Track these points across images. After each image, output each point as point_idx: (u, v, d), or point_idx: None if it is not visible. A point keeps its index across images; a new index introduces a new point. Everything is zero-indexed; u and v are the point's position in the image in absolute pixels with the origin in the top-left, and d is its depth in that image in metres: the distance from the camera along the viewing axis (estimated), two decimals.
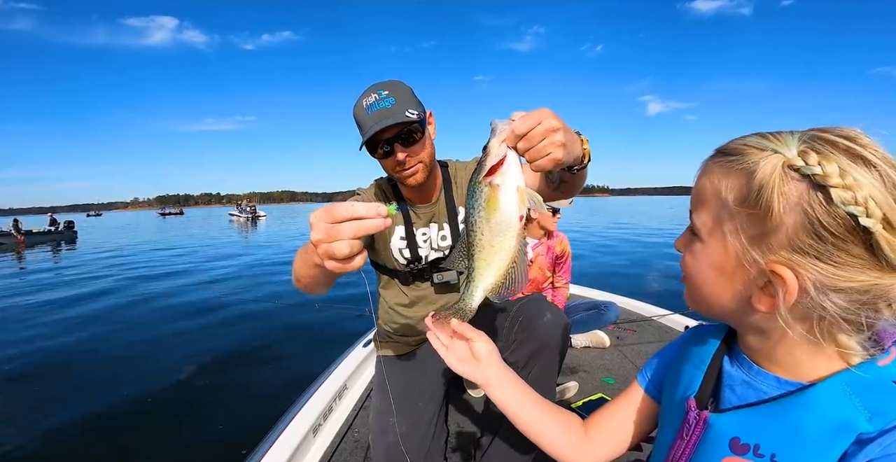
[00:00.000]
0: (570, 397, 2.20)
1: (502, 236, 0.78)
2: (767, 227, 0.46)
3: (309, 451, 1.75)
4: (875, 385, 0.46)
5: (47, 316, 6.51)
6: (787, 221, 0.44)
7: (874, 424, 0.44)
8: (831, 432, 0.46)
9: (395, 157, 1.28)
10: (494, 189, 0.74)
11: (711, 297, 0.54)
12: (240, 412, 3.30)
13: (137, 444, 2.97)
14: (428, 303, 1.55)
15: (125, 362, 4.49)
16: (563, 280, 2.91)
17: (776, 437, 0.50)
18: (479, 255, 0.80)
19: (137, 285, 8.86)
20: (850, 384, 0.47)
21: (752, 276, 0.48)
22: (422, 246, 1.48)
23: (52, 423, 3.25)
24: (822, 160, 0.43)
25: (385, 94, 1.24)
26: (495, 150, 0.73)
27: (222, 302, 6.79)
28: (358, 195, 1.50)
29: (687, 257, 0.57)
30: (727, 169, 0.49)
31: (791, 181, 0.44)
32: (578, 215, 32.70)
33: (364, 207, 0.61)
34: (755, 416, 0.52)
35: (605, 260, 10.54)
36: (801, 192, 0.44)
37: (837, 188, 0.42)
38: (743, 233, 0.48)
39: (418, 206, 1.48)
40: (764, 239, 0.46)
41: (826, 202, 0.42)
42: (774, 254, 0.46)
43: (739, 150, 0.49)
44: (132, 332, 5.59)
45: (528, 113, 0.73)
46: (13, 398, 3.79)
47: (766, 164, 0.45)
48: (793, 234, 0.44)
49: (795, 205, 0.44)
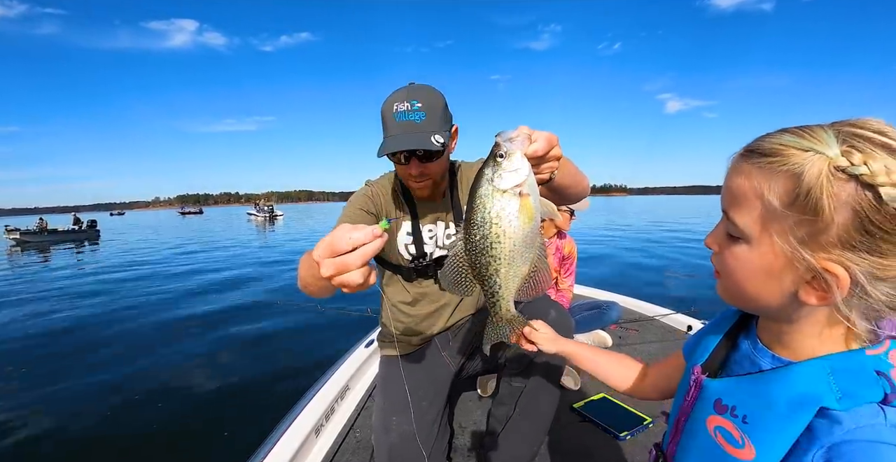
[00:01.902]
0: (569, 388, 2.22)
1: (531, 246, 0.76)
2: (818, 227, 0.46)
3: (311, 452, 1.73)
4: (856, 370, 0.48)
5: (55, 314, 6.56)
6: (837, 221, 0.44)
7: (843, 404, 0.47)
8: (797, 402, 0.50)
9: (409, 168, 1.28)
10: (525, 198, 0.71)
11: (755, 294, 0.54)
12: (241, 412, 3.28)
13: (138, 443, 2.96)
14: (430, 301, 1.54)
15: (125, 363, 4.48)
16: (568, 282, 2.87)
17: (751, 401, 0.55)
18: (509, 270, 0.76)
19: (136, 285, 8.91)
20: (834, 366, 0.49)
21: (800, 273, 0.49)
22: (427, 242, 1.46)
23: (52, 423, 3.25)
24: (866, 159, 0.43)
25: (418, 106, 1.21)
26: (521, 162, 0.71)
27: (223, 302, 6.80)
28: (368, 187, 1.48)
29: (727, 257, 0.56)
30: (768, 170, 0.48)
31: (838, 182, 0.44)
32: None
33: (362, 234, 0.61)
34: (740, 383, 0.58)
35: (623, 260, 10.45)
36: (850, 191, 0.44)
37: (886, 186, 0.42)
38: (793, 234, 0.48)
39: (426, 204, 1.46)
40: (815, 238, 0.46)
41: (876, 200, 0.43)
42: (826, 252, 0.46)
43: (777, 150, 0.48)
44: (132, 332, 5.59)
45: (541, 133, 0.74)
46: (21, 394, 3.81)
47: (811, 166, 0.45)
48: (843, 232, 0.45)
49: (845, 204, 0.44)
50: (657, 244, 13.74)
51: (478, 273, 0.78)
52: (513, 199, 0.71)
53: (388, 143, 1.22)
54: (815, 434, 0.48)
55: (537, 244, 0.77)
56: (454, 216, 1.47)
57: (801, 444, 0.49)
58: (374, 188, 1.45)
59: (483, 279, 0.79)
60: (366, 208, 1.38)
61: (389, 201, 1.44)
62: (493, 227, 0.72)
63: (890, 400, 0.46)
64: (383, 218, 1.41)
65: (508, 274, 0.77)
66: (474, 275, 0.79)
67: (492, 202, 0.71)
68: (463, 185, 1.50)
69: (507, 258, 0.75)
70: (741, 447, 0.55)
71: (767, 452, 0.52)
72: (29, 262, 14.34)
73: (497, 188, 0.70)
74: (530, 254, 0.77)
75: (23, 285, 9.50)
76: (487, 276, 0.78)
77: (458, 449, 1.73)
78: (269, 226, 32.10)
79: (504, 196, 0.71)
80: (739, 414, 0.56)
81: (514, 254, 0.75)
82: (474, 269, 0.78)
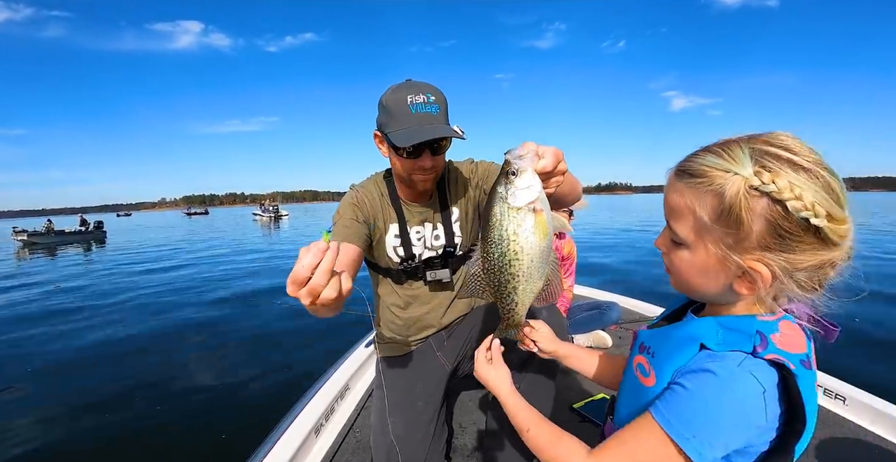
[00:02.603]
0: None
1: (546, 260, 0.77)
2: (741, 235, 0.56)
3: (311, 452, 1.71)
4: (739, 327, 0.62)
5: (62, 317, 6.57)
6: (755, 229, 0.55)
7: (719, 347, 0.61)
8: (686, 339, 0.65)
9: (421, 161, 1.26)
10: (540, 214, 0.73)
11: (698, 287, 0.66)
12: (242, 412, 3.26)
13: (137, 443, 2.93)
14: (422, 302, 1.53)
15: (124, 363, 4.46)
16: (568, 282, 2.85)
17: (659, 340, 0.70)
18: (526, 286, 0.78)
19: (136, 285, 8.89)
20: (724, 322, 0.63)
21: (732, 270, 0.60)
22: (416, 244, 1.46)
23: (52, 422, 3.25)
24: (773, 177, 0.53)
25: (432, 99, 1.22)
26: (533, 179, 0.72)
27: (224, 302, 6.78)
28: (354, 192, 1.45)
29: (673, 259, 0.67)
30: (697, 190, 0.59)
31: (753, 198, 0.55)
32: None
33: (311, 256, 0.62)
34: (660, 330, 0.72)
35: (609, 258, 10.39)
36: (763, 205, 0.54)
37: (791, 200, 0.53)
38: (722, 241, 0.58)
39: (413, 205, 1.45)
40: (739, 244, 0.57)
41: (784, 212, 0.54)
42: (749, 254, 0.57)
43: (703, 172, 0.58)
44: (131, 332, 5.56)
45: (548, 148, 0.75)
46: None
47: (731, 185, 0.55)
48: (761, 237, 0.56)
49: (760, 216, 0.55)
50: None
51: (496, 291, 0.79)
52: (528, 216, 0.72)
53: (410, 133, 1.19)
54: (693, 360, 0.62)
55: (551, 259, 0.78)
56: (442, 216, 1.46)
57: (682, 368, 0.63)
58: (359, 194, 1.43)
59: (501, 297, 0.80)
60: (354, 217, 1.36)
61: (376, 205, 1.42)
62: (510, 245, 0.73)
63: (757, 351, 0.58)
64: (371, 223, 1.40)
65: (526, 290, 0.78)
66: (492, 292, 0.80)
67: (508, 220, 0.72)
68: (451, 184, 1.48)
69: (524, 275, 0.76)
70: (647, 376, 0.69)
71: (661, 377, 0.65)
72: (36, 262, 14.38)
73: (512, 206, 0.71)
74: (545, 269, 0.77)
75: (26, 284, 9.52)
76: (506, 293, 0.79)
77: (458, 449, 1.72)
78: (275, 226, 32.07)
79: (519, 213, 0.72)
80: (651, 351, 0.70)
81: (532, 269, 0.75)
82: (492, 287, 0.79)
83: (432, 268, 1.46)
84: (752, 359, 0.58)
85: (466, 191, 1.47)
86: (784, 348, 0.58)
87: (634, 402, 0.70)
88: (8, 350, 5.10)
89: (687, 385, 0.60)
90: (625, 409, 0.74)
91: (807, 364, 0.59)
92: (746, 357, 0.58)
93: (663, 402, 0.62)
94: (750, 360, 0.58)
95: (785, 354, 0.58)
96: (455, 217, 1.48)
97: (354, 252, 1.27)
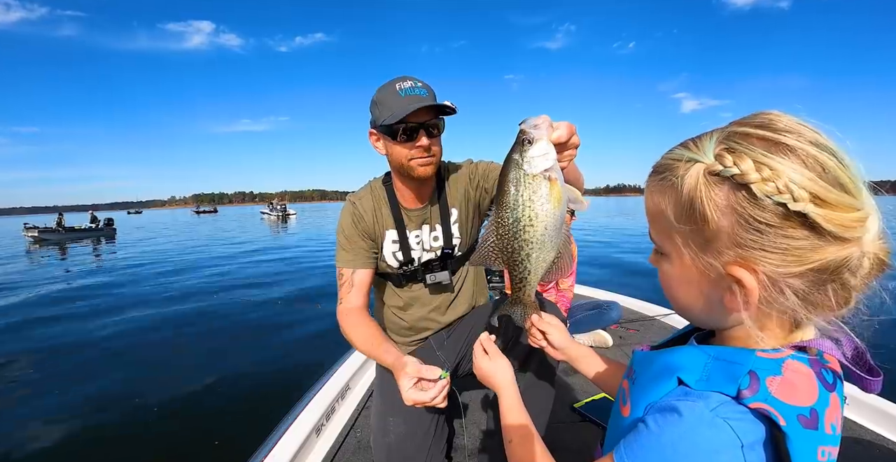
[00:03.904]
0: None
1: (559, 230, 0.76)
2: (708, 234, 0.46)
3: (311, 452, 1.70)
4: (730, 364, 0.48)
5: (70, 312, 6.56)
6: (723, 225, 0.44)
7: (699, 385, 0.48)
8: (664, 371, 0.53)
9: (418, 142, 1.24)
10: (554, 182, 0.72)
11: (685, 304, 0.55)
12: (243, 412, 3.23)
13: (137, 443, 2.90)
14: (422, 304, 1.52)
15: (122, 362, 4.42)
16: (568, 282, 2.82)
17: (644, 366, 0.59)
18: (539, 254, 0.77)
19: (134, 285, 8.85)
20: (717, 355, 0.50)
21: (714, 279, 0.48)
22: (414, 248, 1.44)
23: (50, 422, 3.21)
24: (736, 159, 0.43)
25: (420, 85, 1.23)
26: (548, 147, 0.71)
27: (224, 303, 6.73)
28: (351, 205, 1.44)
29: (659, 272, 0.57)
30: (661, 186, 0.50)
31: (714, 186, 0.44)
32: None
33: (438, 396, 1.05)
34: (650, 354, 0.60)
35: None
36: (727, 193, 0.44)
37: (757, 183, 0.42)
38: (693, 244, 0.48)
39: (410, 209, 1.44)
40: (711, 245, 0.47)
41: (752, 198, 0.42)
42: (724, 256, 0.46)
43: (666, 165, 0.49)
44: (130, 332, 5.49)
45: (562, 122, 0.75)
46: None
47: (689, 176, 0.46)
48: (733, 234, 0.44)
49: (726, 207, 0.44)
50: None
51: (509, 258, 0.78)
52: (543, 183, 0.71)
53: (403, 106, 1.18)
54: (666, 396, 0.51)
55: (564, 230, 0.77)
56: (440, 218, 1.44)
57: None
58: (356, 206, 1.42)
59: (514, 264, 0.79)
60: (358, 235, 1.40)
61: (372, 217, 1.42)
62: (525, 210, 0.72)
63: (742, 396, 0.45)
64: (371, 234, 1.42)
65: (539, 259, 0.77)
66: (504, 259, 0.79)
67: (524, 186, 0.71)
68: (449, 185, 1.46)
69: (538, 242, 0.75)
70: (625, 404, 0.59)
71: (634, 409, 0.55)
72: (46, 258, 14.42)
73: (528, 173, 0.71)
74: (558, 239, 0.76)
75: (29, 282, 9.51)
76: (519, 260, 0.77)
77: (458, 448, 1.70)
78: (282, 225, 32.08)
79: (535, 180, 0.71)
80: (634, 377, 0.61)
81: (545, 237, 0.74)
82: (505, 254, 0.78)
83: (431, 270, 1.45)
84: (733, 405, 0.46)
85: (466, 191, 1.45)
86: (780, 396, 0.45)
87: (613, 432, 0.63)
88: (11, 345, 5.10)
89: (650, 425, 0.49)
90: (608, 438, 0.66)
91: (808, 421, 0.44)
92: (726, 401, 0.46)
93: (626, 440, 0.52)
94: (729, 405, 0.46)
95: (778, 405, 0.44)
96: (454, 218, 1.46)
97: (369, 276, 1.42)
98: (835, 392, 0.47)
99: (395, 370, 1.18)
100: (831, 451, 0.46)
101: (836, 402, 0.47)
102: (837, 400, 0.47)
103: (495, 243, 0.79)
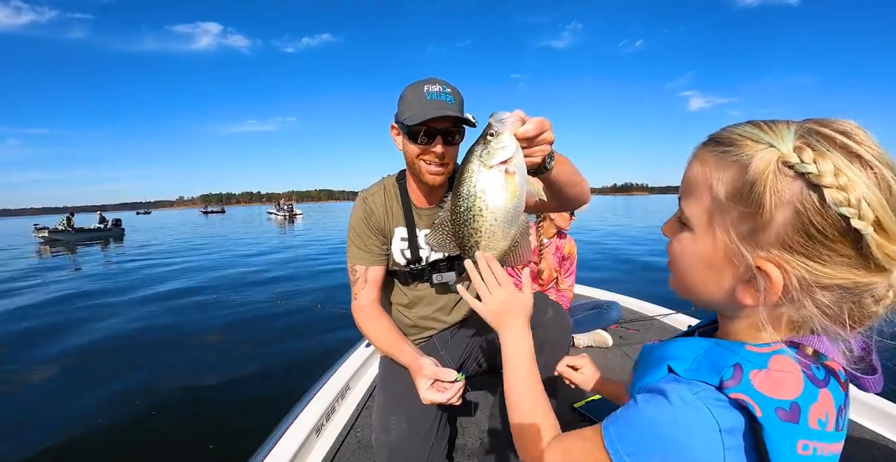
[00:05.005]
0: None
1: (513, 222, 0.76)
2: (758, 223, 0.43)
3: (312, 451, 1.67)
4: (718, 356, 0.49)
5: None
6: (777, 219, 0.42)
7: (686, 374, 0.49)
8: (658, 359, 0.54)
9: (433, 147, 1.23)
10: (511, 176, 0.72)
11: (696, 285, 0.53)
12: (243, 412, 3.19)
13: (136, 443, 2.87)
14: (427, 303, 1.51)
15: (121, 362, 4.37)
16: (568, 282, 2.79)
17: (645, 357, 0.60)
18: (488, 243, 0.78)
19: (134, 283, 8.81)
20: (709, 347, 0.50)
21: (740, 270, 0.47)
22: (423, 247, 1.43)
23: (53, 420, 3.20)
24: (817, 157, 0.40)
25: (449, 91, 1.22)
26: (509, 141, 0.72)
27: (225, 303, 6.67)
28: (363, 202, 1.44)
29: (675, 244, 0.55)
30: (720, 160, 0.46)
31: (785, 178, 0.42)
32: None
33: (453, 396, 1.14)
34: (653, 346, 0.60)
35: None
36: (795, 190, 0.41)
37: (832, 189, 0.39)
38: (733, 228, 0.46)
39: (422, 208, 1.43)
40: (754, 235, 0.44)
41: (819, 202, 0.40)
42: (763, 250, 0.44)
43: (734, 140, 0.45)
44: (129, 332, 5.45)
45: (535, 118, 0.75)
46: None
47: (760, 158, 0.43)
48: (783, 231, 0.42)
49: (788, 203, 0.42)
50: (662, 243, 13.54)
51: (459, 242, 0.80)
52: (498, 175, 0.72)
53: (426, 111, 1.18)
54: (657, 381, 0.52)
55: (520, 222, 0.77)
56: None
57: None
58: (368, 203, 1.43)
59: (463, 249, 0.81)
60: (370, 231, 1.41)
61: (385, 212, 1.42)
62: (476, 201, 0.73)
63: (724, 386, 0.46)
64: (382, 231, 1.43)
65: (488, 247, 0.78)
66: (456, 243, 0.81)
67: (478, 177, 0.72)
68: None
69: (487, 231, 0.76)
70: (627, 393, 0.60)
71: (632, 396, 0.55)
72: (55, 260, 14.46)
73: (484, 163, 0.72)
74: (512, 230, 0.77)
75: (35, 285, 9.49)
76: (468, 247, 0.79)
77: (460, 448, 1.68)
78: (289, 225, 32.06)
79: (490, 171, 0.72)
80: (637, 368, 0.61)
81: (495, 228, 0.75)
82: (457, 239, 0.80)
83: (438, 270, 1.45)
84: (715, 392, 0.46)
85: None
86: (762, 389, 0.44)
87: None
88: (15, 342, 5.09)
89: (638, 402, 0.51)
90: None
91: (787, 415, 0.44)
92: (708, 388, 0.47)
93: (613, 415, 0.54)
94: (710, 392, 0.47)
95: (757, 396, 0.44)
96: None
97: (382, 272, 1.44)
98: (826, 388, 0.47)
99: (413, 371, 1.22)
100: (818, 446, 0.45)
101: (827, 398, 0.46)
102: (829, 396, 0.47)
103: (449, 229, 0.81)
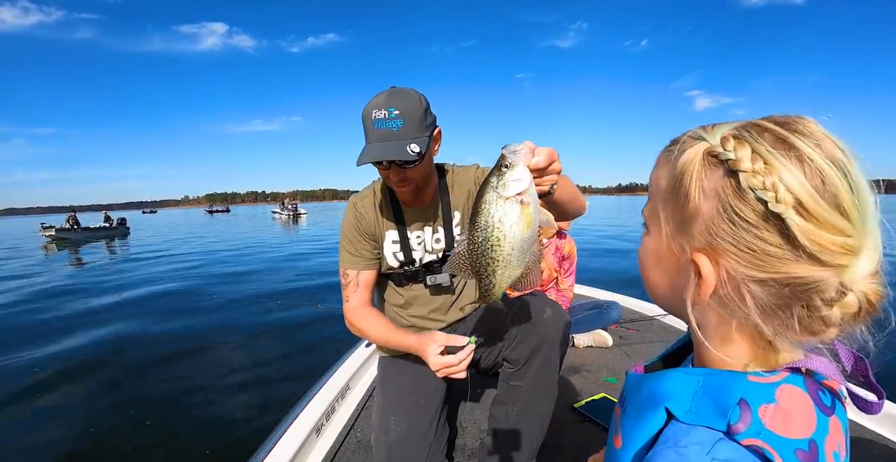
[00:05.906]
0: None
1: (527, 251, 0.79)
2: (687, 213, 0.43)
3: (312, 451, 1.67)
4: (720, 392, 0.43)
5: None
6: (703, 209, 0.42)
7: (687, 418, 0.43)
8: (652, 399, 0.48)
9: (392, 174, 1.24)
10: (526, 206, 0.75)
11: (652, 283, 0.53)
12: (242, 412, 3.17)
13: (136, 443, 2.85)
14: (422, 304, 1.50)
15: (120, 362, 4.35)
16: (568, 282, 2.78)
17: (634, 391, 0.53)
18: (504, 271, 0.81)
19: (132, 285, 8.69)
20: (708, 381, 0.44)
21: (682, 264, 0.46)
22: (416, 248, 1.43)
23: (52, 421, 3.18)
24: (737, 145, 0.40)
25: (395, 113, 1.16)
26: (524, 173, 0.75)
27: (225, 303, 6.64)
28: (353, 207, 1.44)
29: (640, 247, 0.55)
30: (665, 159, 0.48)
31: (709, 167, 0.42)
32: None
33: (464, 356, 1.11)
34: (641, 378, 0.54)
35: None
36: (717, 177, 0.41)
37: (747, 172, 0.39)
38: (672, 221, 0.46)
39: (413, 210, 1.42)
40: (686, 226, 0.44)
41: (736, 186, 0.40)
42: (695, 241, 0.43)
43: (679, 139, 0.47)
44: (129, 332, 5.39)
45: (544, 148, 0.80)
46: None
47: (689, 151, 0.43)
48: (709, 220, 0.42)
49: (711, 191, 0.42)
50: None
51: (476, 272, 0.83)
52: (514, 206, 0.74)
53: (365, 151, 1.19)
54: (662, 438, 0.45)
55: (533, 250, 0.80)
56: (443, 220, 1.43)
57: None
58: (358, 207, 1.43)
59: (480, 278, 0.83)
60: (360, 236, 1.41)
61: (375, 216, 1.42)
62: (494, 231, 0.76)
63: (733, 431, 0.40)
64: (373, 234, 1.42)
65: (504, 275, 0.81)
66: (473, 272, 0.83)
67: (495, 208, 0.75)
68: (454, 188, 1.45)
69: (504, 260, 0.78)
70: (616, 435, 0.54)
71: (626, 443, 0.50)
72: (65, 258, 14.48)
73: (501, 195, 0.74)
74: (526, 258, 0.80)
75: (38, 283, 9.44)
76: (485, 275, 0.82)
77: (459, 448, 1.67)
78: (293, 224, 32.02)
79: (507, 203, 0.74)
80: (624, 405, 0.56)
81: (512, 257, 0.78)
82: (473, 268, 0.82)
83: (432, 272, 1.44)
84: (727, 442, 0.41)
85: (469, 195, 1.44)
86: (774, 429, 0.40)
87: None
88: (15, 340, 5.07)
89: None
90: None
91: (807, 456, 0.39)
92: (720, 439, 0.41)
93: None
94: (723, 444, 0.41)
95: (774, 440, 0.39)
96: (456, 221, 1.44)
97: (374, 276, 1.45)
98: (834, 415, 0.43)
99: (422, 342, 1.20)
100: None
101: (837, 426, 0.42)
102: (838, 423, 0.43)
103: (466, 257, 0.83)
